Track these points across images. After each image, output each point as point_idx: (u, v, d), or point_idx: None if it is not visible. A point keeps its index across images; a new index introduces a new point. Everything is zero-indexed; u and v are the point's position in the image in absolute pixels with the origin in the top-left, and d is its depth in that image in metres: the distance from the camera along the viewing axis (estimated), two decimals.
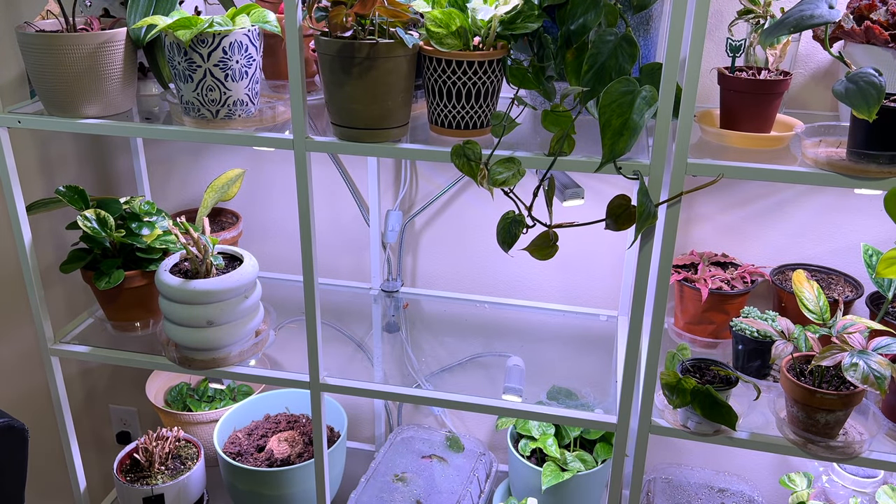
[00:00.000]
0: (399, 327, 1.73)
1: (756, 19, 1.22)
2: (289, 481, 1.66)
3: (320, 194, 1.79)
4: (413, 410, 2.00)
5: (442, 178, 1.73)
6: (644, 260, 1.15)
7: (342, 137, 1.19)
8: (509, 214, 1.13)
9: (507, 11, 1.08)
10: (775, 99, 1.17)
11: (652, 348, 1.21)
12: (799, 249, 1.58)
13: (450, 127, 1.17)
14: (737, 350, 1.37)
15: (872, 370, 1.10)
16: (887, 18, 1.18)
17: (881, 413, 1.27)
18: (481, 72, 1.11)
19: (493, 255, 1.78)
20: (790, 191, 1.54)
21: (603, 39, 1.03)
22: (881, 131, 1.02)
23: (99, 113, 1.30)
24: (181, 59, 1.20)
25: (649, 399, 1.24)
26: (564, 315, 1.74)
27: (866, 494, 1.59)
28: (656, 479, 1.75)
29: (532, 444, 1.69)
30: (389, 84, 1.12)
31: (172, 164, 1.88)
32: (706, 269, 1.50)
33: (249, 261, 1.46)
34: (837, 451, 1.19)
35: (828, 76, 1.43)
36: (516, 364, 1.53)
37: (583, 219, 1.11)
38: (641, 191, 1.05)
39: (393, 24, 1.11)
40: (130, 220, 1.51)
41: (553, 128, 1.10)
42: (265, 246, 1.90)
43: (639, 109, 1.02)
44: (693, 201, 1.59)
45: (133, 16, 1.29)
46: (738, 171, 1.07)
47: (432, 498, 1.73)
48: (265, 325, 1.53)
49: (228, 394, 1.96)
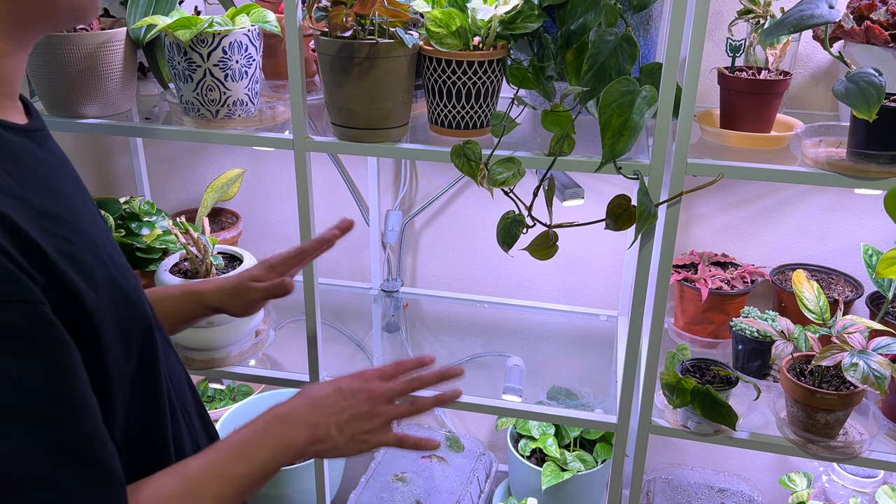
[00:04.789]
0: (399, 327, 1.73)
1: (756, 19, 1.22)
2: (289, 481, 1.66)
3: (320, 194, 1.78)
4: None
5: (442, 178, 1.73)
6: (644, 260, 1.15)
7: (342, 137, 1.19)
8: (509, 214, 1.13)
9: (507, 11, 1.08)
10: (775, 99, 1.17)
11: (652, 348, 1.21)
12: (799, 249, 1.58)
13: (450, 127, 1.17)
14: (737, 350, 1.37)
15: (872, 370, 1.10)
16: (887, 18, 1.17)
17: (881, 413, 1.27)
18: (481, 72, 1.11)
19: (493, 255, 1.78)
20: (790, 191, 1.54)
21: (603, 39, 1.03)
22: (881, 131, 1.01)
23: (99, 113, 1.30)
24: (181, 58, 1.20)
25: (649, 399, 1.24)
26: (564, 315, 1.74)
27: (866, 494, 1.59)
28: (656, 479, 1.75)
29: (532, 444, 1.69)
30: (389, 84, 1.12)
31: (172, 164, 1.88)
32: (706, 269, 1.50)
33: (249, 261, 1.46)
34: (837, 451, 1.19)
35: (828, 76, 1.43)
36: (516, 364, 1.53)
37: (583, 219, 1.10)
38: (641, 191, 1.05)
39: (393, 24, 1.11)
40: (130, 220, 1.51)
41: (553, 128, 1.10)
42: (265, 246, 1.90)
43: (639, 109, 1.01)
44: (693, 201, 1.59)
45: (133, 16, 1.29)
46: (738, 171, 1.07)
47: (432, 498, 1.73)
48: (265, 325, 1.53)
49: (228, 394, 1.96)
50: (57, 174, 0.72)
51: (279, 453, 0.82)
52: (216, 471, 0.76)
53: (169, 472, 0.74)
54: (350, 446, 0.87)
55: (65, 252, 0.64)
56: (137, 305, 0.75)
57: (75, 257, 0.65)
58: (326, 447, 0.86)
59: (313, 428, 0.85)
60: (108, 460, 0.64)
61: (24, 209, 0.61)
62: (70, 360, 0.62)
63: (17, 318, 0.57)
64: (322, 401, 0.88)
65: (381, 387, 0.91)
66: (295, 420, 0.85)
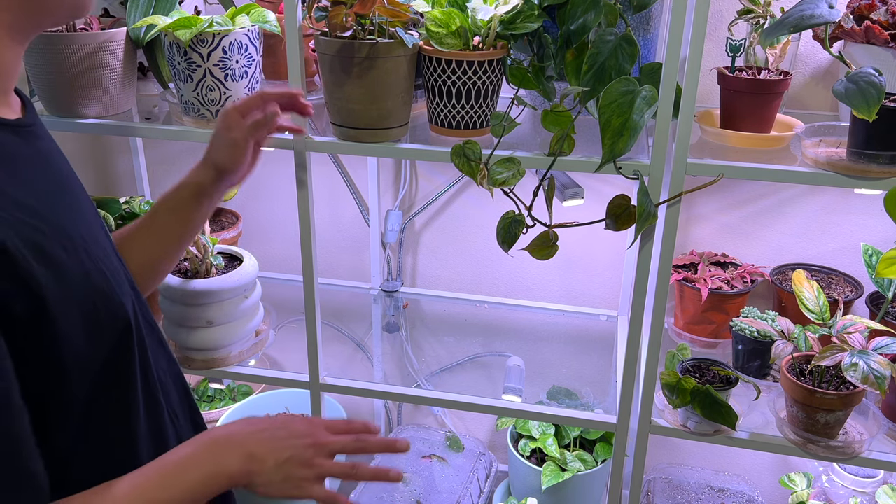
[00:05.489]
0: (399, 327, 1.73)
1: (756, 19, 1.22)
2: None
3: (320, 194, 1.78)
4: (413, 410, 2.00)
5: (442, 178, 1.73)
6: (644, 260, 1.15)
7: (342, 137, 1.19)
8: (509, 214, 1.13)
9: (507, 11, 1.08)
10: (775, 99, 1.17)
11: (652, 348, 1.21)
12: (799, 249, 1.58)
13: (450, 127, 1.17)
14: (737, 350, 1.37)
15: (872, 370, 1.10)
16: (887, 18, 1.17)
17: (881, 413, 1.27)
18: (481, 72, 1.11)
19: (493, 255, 1.78)
20: (790, 191, 1.54)
21: (603, 39, 1.03)
22: (881, 131, 1.01)
23: (99, 113, 1.30)
24: (181, 58, 1.20)
25: (649, 399, 1.24)
26: (564, 315, 1.74)
27: (866, 494, 1.59)
28: (656, 479, 1.75)
29: (532, 444, 1.69)
30: (389, 84, 1.12)
31: (172, 164, 1.88)
32: (706, 269, 1.50)
33: (249, 261, 1.46)
34: (837, 451, 1.19)
35: (828, 76, 1.43)
36: (516, 364, 1.53)
37: (583, 219, 1.10)
38: (641, 191, 1.05)
39: (393, 24, 1.11)
40: (130, 219, 1.51)
41: (553, 128, 1.10)
42: (265, 246, 1.90)
43: (639, 109, 1.01)
44: (693, 201, 1.59)
45: (133, 16, 1.29)
46: (738, 171, 1.07)
47: (432, 498, 1.73)
48: (265, 325, 1.53)
49: (228, 394, 1.96)
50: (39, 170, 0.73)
51: (209, 480, 0.78)
52: (140, 494, 0.74)
53: (94, 492, 0.73)
54: (282, 486, 0.83)
55: (32, 242, 0.65)
56: (114, 303, 0.76)
57: (41, 247, 0.67)
58: (259, 480, 0.82)
59: (249, 458, 0.81)
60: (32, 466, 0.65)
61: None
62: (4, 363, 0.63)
63: None
64: (265, 433, 0.84)
65: (326, 438, 0.87)
66: (231, 446, 0.82)
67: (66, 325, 0.69)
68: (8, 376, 0.63)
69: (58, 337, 0.68)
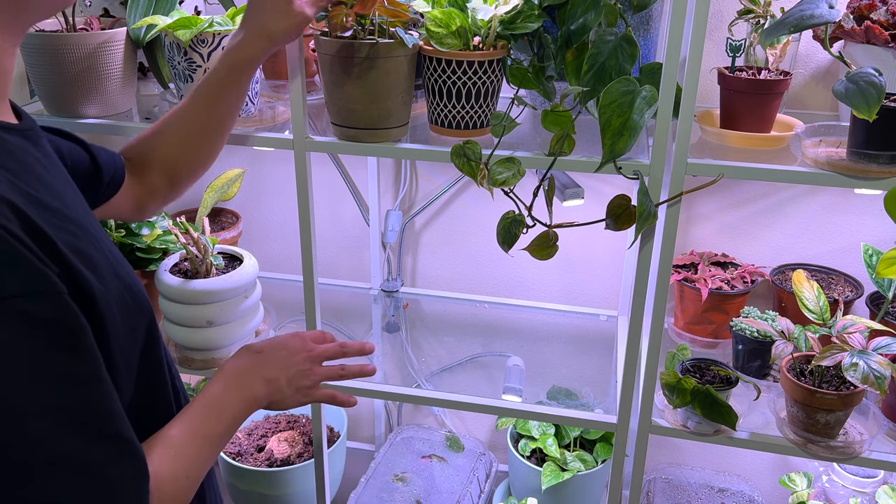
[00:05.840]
0: (399, 327, 1.73)
1: (756, 19, 1.22)
2: (289, 481, 1.66)
3: (320, 194, 1.78)
4: (413, 410, 2.00)
5: (442, 178, 1.73)
6: (644, 260, 1.15)
7: (342, 137, 1.19)
8: (509, 214, 1.13)
9: (507, 11, 1.08)
10: (775, 99, 1.17)
11: (652, 348, 1.21)
12: (799, 249, 1.58)
13: (450, 127, 1.17)
14: (737, 350, 1.37)
15: (872, 370, 1.10)
16: (887, 18, 1.17)
17: (881, 413, 1.27)
18: (481, 72, 1.11)
19: (493, 255, 1.78)
20: (790, 191, 1.54)
21: (603, 39, 1.03)
22: (881, 131, 1.02)
23: (99, 113, 1.30)
24: (181, 58, 1.20)
25: (649, 399, 1.24)
26: (564, 315, 1.74)
27: (866, 494, 1.59)
28: (656, 479, 1.76)
29: (532, 444, 1.69)
30: (389, 84, 1.12)
31: None
32: (706, 269, 1.50)
33: (249, 261, 1.46)
34: (837, 451, 1.19)
35: (828, 76, 1.43)
36: (516, 364, 1.53)
37: (583, 219, 1.10)
38: (641, 191, 1.05)
39: (393, 24, 1.11)
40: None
41: (553, 128, 1.10)
42: (265, 246, 1.90)
43: (639, 109, 1.01)
44: (693, 201, 1.59)
45: (133, 16, 1.29)
46: (738, 171, 1.07)
47: (432, 498, 1.73)
48: (265, 325, 1.53)
49: None
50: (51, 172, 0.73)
51: (245, 407, 0.89)
52: (193, 432, 0.81)
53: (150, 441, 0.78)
54: (294, 398, 0.98)
55: (70, 245, 0.66)
56: (139, 294, 0.78)
57: (81, 249, 0.67)
58: (278, 399, 0.96)
59: (267, 381, 0.93)
60: (130, 434, 0.68)
61: (32, 205, 0.63)
62: (92, 344, 0.64)
63: (43, 308, 0.60)
64: (271, 356, 0.97)
65: (316, 348, 1.02)
66: (252, 375, 0.93)
67: (113, 323, 0.70)
68: (95, 352, 0.64)
69: (108, 337, 0.69)
